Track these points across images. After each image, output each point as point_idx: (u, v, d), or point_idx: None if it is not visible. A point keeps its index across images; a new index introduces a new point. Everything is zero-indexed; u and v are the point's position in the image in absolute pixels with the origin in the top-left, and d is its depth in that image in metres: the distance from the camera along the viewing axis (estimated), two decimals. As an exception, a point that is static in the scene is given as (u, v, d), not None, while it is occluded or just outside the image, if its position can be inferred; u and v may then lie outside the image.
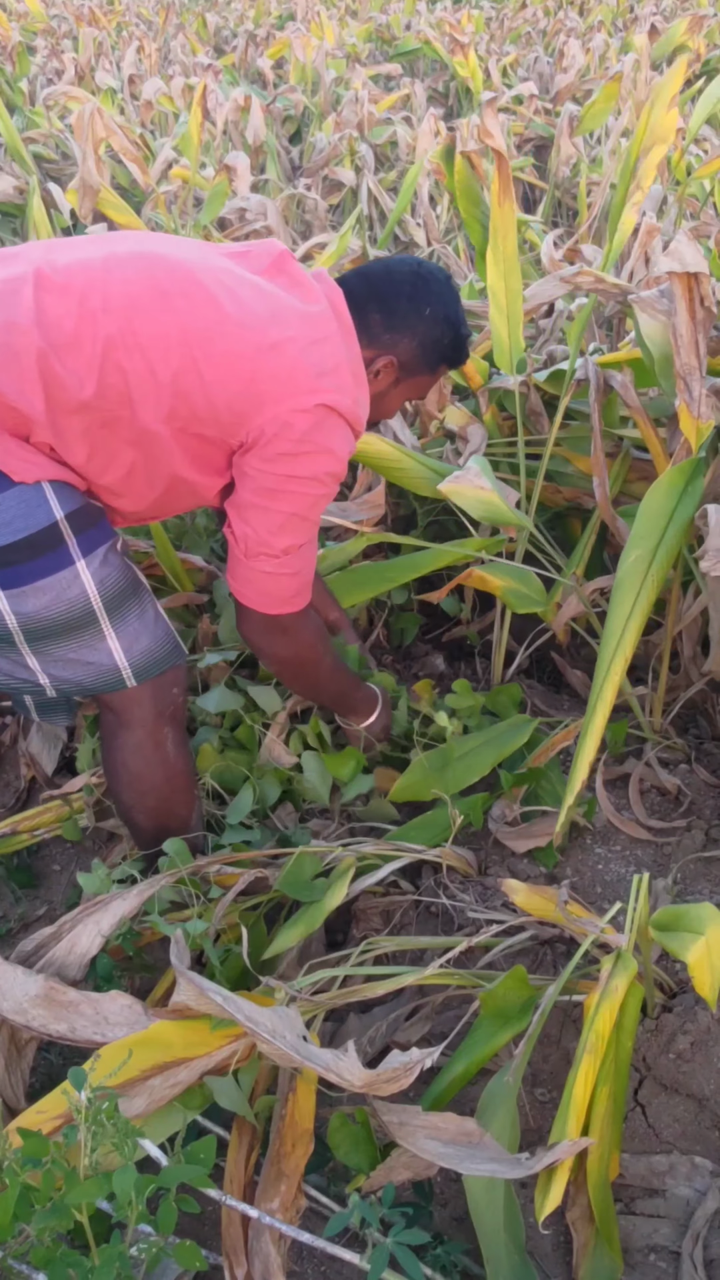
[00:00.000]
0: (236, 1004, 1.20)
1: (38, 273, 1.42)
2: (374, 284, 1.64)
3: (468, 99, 6.92)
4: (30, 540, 1.41)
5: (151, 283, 1.45)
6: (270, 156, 5.42)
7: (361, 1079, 1.18)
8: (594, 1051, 1.26)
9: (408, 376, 1.70)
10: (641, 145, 1.89)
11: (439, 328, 1.66)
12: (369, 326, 1.61)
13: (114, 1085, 1.20)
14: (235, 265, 1.55)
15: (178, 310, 1.44)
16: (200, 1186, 1.15)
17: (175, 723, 1.66)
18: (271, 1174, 1.26)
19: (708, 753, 2.15)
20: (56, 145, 5.37)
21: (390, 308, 1.63)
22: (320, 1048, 1.22)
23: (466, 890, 1.78)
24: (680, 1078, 1.51)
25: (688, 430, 1.76)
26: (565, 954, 1.70)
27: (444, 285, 1.67)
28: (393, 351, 1.64)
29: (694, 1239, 1.37)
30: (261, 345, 1.46)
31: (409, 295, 1.63)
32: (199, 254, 1.55)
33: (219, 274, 1.50)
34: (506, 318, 2.04)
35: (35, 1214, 0.98)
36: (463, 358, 1.75)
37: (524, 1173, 1.15)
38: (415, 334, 1.65)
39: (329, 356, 1.52)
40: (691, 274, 1.66)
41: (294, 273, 1.59)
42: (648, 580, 1.65)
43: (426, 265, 1.69)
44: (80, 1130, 1.01)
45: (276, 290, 1.54)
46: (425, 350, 1.67)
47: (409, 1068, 1.19)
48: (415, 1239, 1.14)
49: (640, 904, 1.36)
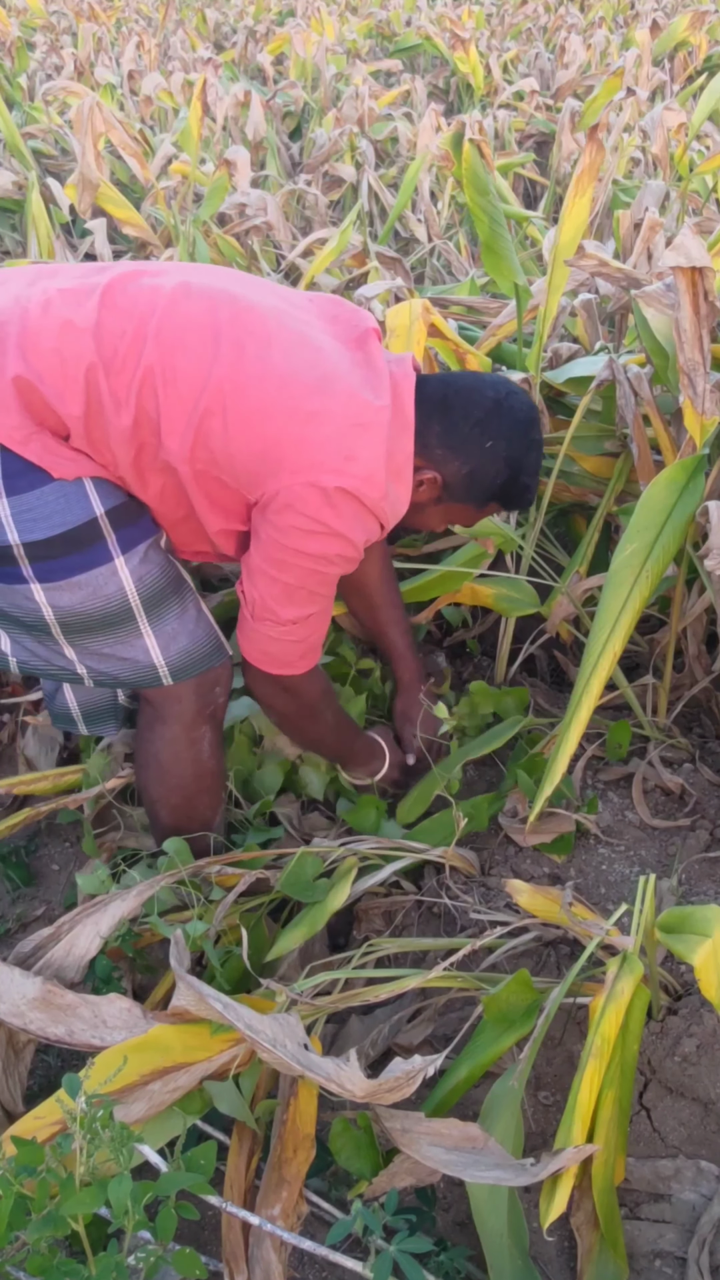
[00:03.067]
0: (236, 1011, 1.19)
1: (108, 286, 1.42)
2: (450, 395, 1.56)
3: (468, 95, 6.89)
4: (69, 535, 1.40)
5: (209, 321, 1.42)
6: (270, 152, 5.40)
7: (363, 1089, 1.16)
8: (599, 1055, 1.24)
9: (450, 500, 1.62)
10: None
11: (495, 465, 1.57)
12: (426, 435, 1.54)
13: (112, 1090, 1.19)
14: (317, 325, 1.51)
15: (222, 355, 1.40)
16: (200, 1193, 1.13)
17: (214, 723, 1.65)
18: (273, 1180, 1.24)
19: (712, 752, 2.13)
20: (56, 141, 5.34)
21: (453, 425, 1.55)
22: (322, 1056, 1.20)
23: (469, 891, 1.76)
24: (686, 1081, 1.49)
25: (692, 426, 1.74)
26: (569, 955, 1.68)
27: (524, 426, 1.58)
28: (440, 469, 1.57)
29: (700, 1244, 1.35)
30: (296, 411, 1.40)
31: (478, 421, 1.55)
32: (279, 303, 1.50)
33: (287, 328, 1.45)
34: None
35: (31, 1223, 0.96)
36: (519, 503, 1.66)
37: (529, 1180, 1.13)
38: (469, 461, 1.56)
39: (367, 445, 1.43)
40: (696, 269, 1.64)
41: (372, 353, 1.52)
42: (643, 575, 1.63)
43: (515, 397, 1.58)
44: (75, 1138, 0.99)
45: (343, 363, 1.47)
46: (474, 482, 1.58)
47: (411, 1076, 1.18)
48: (419, 1246, 1.12)
49: (646, 906, 1.34)
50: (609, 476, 2.14)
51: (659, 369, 1.94)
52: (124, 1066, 1.18)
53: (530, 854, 1.87)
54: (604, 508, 2.11)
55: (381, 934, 1.76)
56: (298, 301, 1.55)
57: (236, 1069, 1.29)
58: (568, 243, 1.92)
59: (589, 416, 2.08)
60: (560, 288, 1.99)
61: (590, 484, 2.20)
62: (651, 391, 1.94)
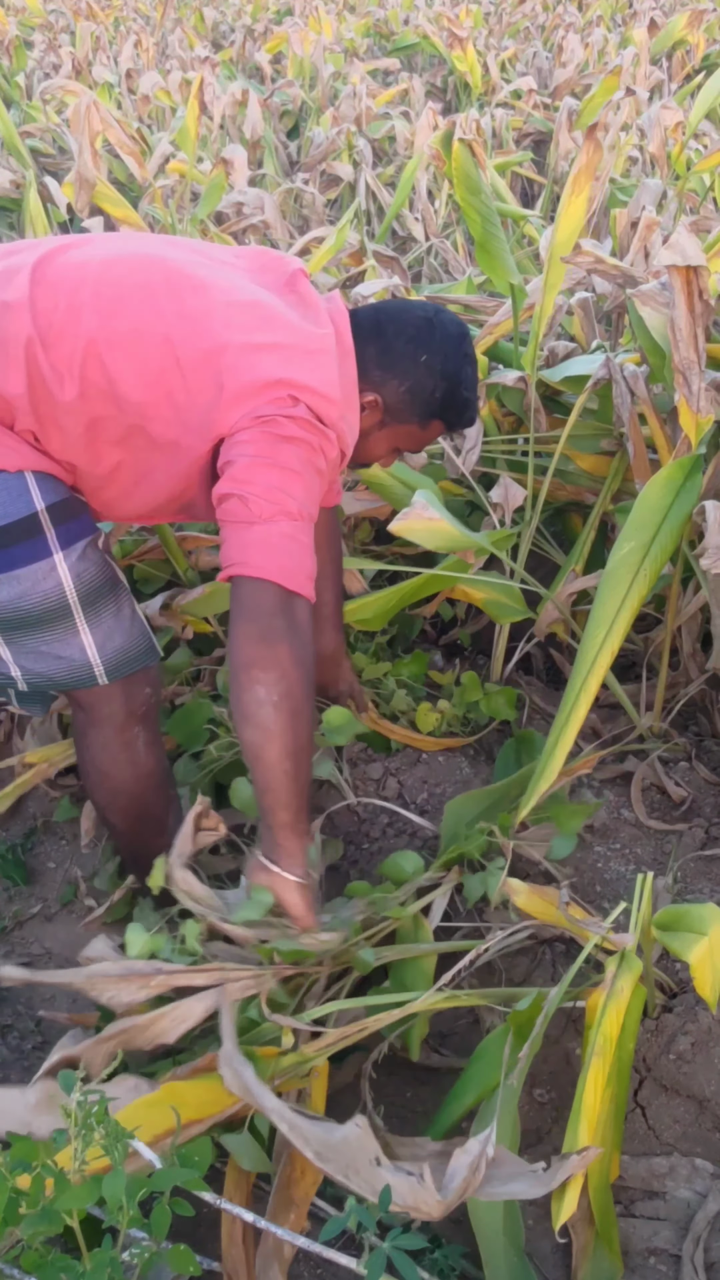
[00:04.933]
0: (303, 1133, 1.12)
1: (37, 264, 1.42)
2: (382, 319, 1.60)
3: (466, 93, 6.89)
4: (8, 528, 1.40)
5: (143, 280, 1.44)
6: (268, 151, 5.40)
7: (440, 1209, 1.10)
8: (602, 1055, 1.24)
9: (393, 421, 1.64)
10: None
11: (432, 379, 1.59)
12: (364, 359, 1.56)
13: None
14: (246, 276, 1.53)
15: (162, 311, 1.42)
16: (195, 1189, 1.13)
17: (146, 722, 1.64)
18: (280, 1201, 1.23)
19: (708, 750, 2.13)
20: (53, 140, 5.34)
21: (388, 346, 1.58)
22: (394, 1170, 1.12)
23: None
24: (681, 1079, 1.50)
25: (687, 425, 1.74)
26: (564, 953, 1.69)
27: (455, 340, 1.61)
28: (379, 391, 1.59)
29: (694, 1242, 1.36)
30: (247, 345, 1.43)
31: (410, 338, 1.59)
32: (206, 259, 1.53)
33: (220, 280, 1.48)
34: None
35: (24, 1219, 0.96)
36: (461, 420, 1.68)
37: (545, 1190, 1.12)
38: (406, 378, 1.59)
39: (320, 369, 1.47)
40: (691, 267, 1.64)
41: (304, 292, 1.56)
42: (640, 574, 1.63)
43: (444, 315, 1.63)
44: (70, 1134, 0.99)
45: (278, 302, 1.50)
46: (413, 398, 1.61)
47: (475, 1169, 1.12)
48: (413, 1243, 1.12)
49: (644, 904, 1.35)
50: (605, 475, 2.14)
51: (655, 368, 1.94)
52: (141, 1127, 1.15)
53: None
54: (600, 506, 2.11)
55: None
56: (224, 257, 1.57)
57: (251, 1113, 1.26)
58: (564, 241, 1.93)
59: (585, 415, 2.08)
60: (556, 286, 1.99)
61: (586, 483, 2.20)
62: (648, 390, 1.94)
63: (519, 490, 2.07)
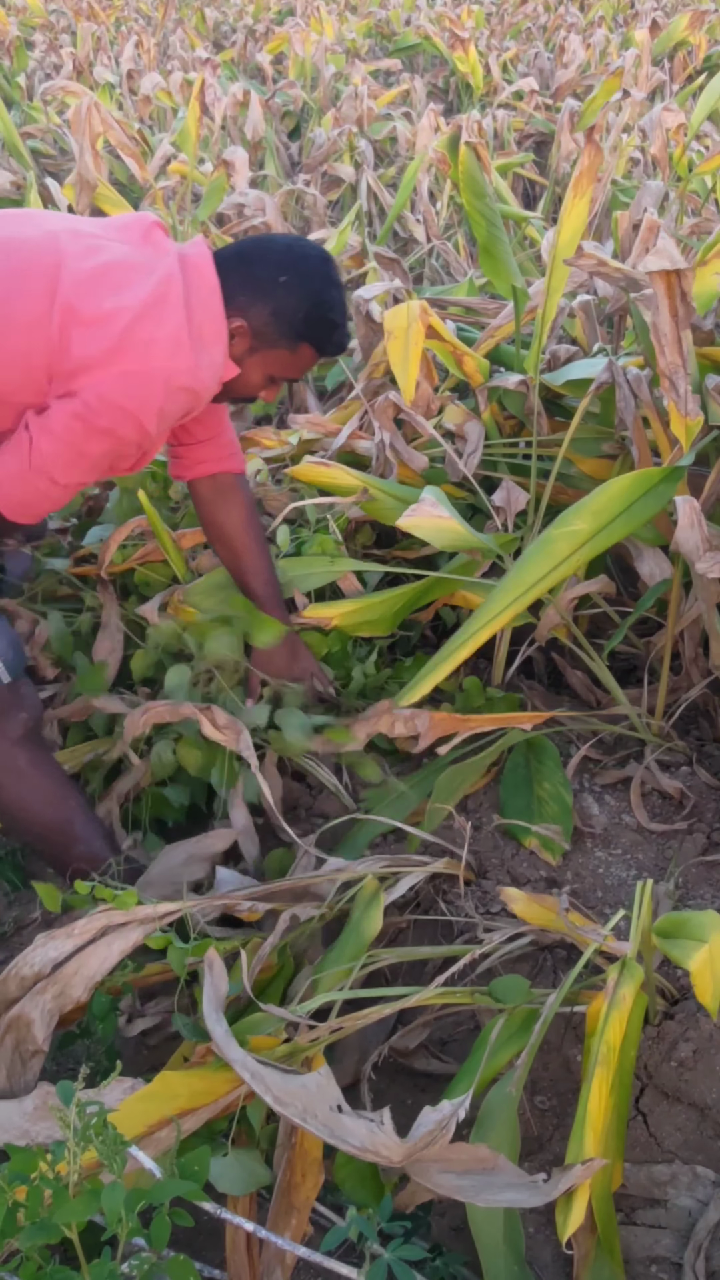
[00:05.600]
0: (264, 1080, 1.15)
1: None
2: (245, 249, 1.67)
3: (468, 94, 6.89)
4: None
5: (12, 269, 1.53)
6: (269, 152, 5.39)
7: (401, 1153, 1.12)
8: (605, 1063, 1.23)
9: (263, 346, 1.68)
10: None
11: (294, 298, 1.64)
12: (229, 289, 1.62)
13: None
14: (105, 237, 1.61)
15: (28, 290, 1.52)
16: (194, 1200, 1.12)
17: (26, 743, 1.67)
18: (281, 1207, 1.23)
19: (709, 755, 2.13)
20: (54, 140, 5.34)
21: (250, 272, 1.64)
22: (354, 1116, 1.16)
23: (465, 896, 1.75)
24: (682, 1086, 1.49)
25: (677, 429, 1.74)
26: (565, 959, 1.68)
27: (315, 263, 1.67)
28: (245, 316, 1.64)
29: (696, 1250, 1.35)
30: (96, 314, 1.51)
31: (272, 263, 1.65)
32: (68, 225, 1.62)
33: (75, 245, 1.56)
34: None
35: (23, 1230, 0.96)
36: (329, 343, 1.72)
37: (544, 1200, 1.12)
38: (269, 300, 1.64)
39: (165, 321, 1.54)
40: (673, 272, 1.63)
41: (157, 239, 1.64)
42: (575, 555, 1.66)
43: (305, 243, 1.72)
44: (69, 1145, 0.98)
45: (132, 255, 1.58)
46: (278, 320, 1.65)
47: (443, 1126, 1.14)
48: (413, 1254, 1.11)
49: (644, 911, 1.34)
50: (606, 479, 2.13)
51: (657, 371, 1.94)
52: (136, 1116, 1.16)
53: (527, 856, 1.87)
54: (601, 510, 2.11)
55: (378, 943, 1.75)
56: (88, 228, 1.65)
57: (244, 1102, 1.27)
58: (567, 244, 1.92)
59: (586, 418, 2.08)
60: (559, 290, 1.98)
61: (588, 486, 2.19)
62: (651, 394, 1.94)
63: (521, 494, 2.07)
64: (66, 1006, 1.35)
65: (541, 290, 2.08)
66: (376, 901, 1.55)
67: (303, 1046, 1.32)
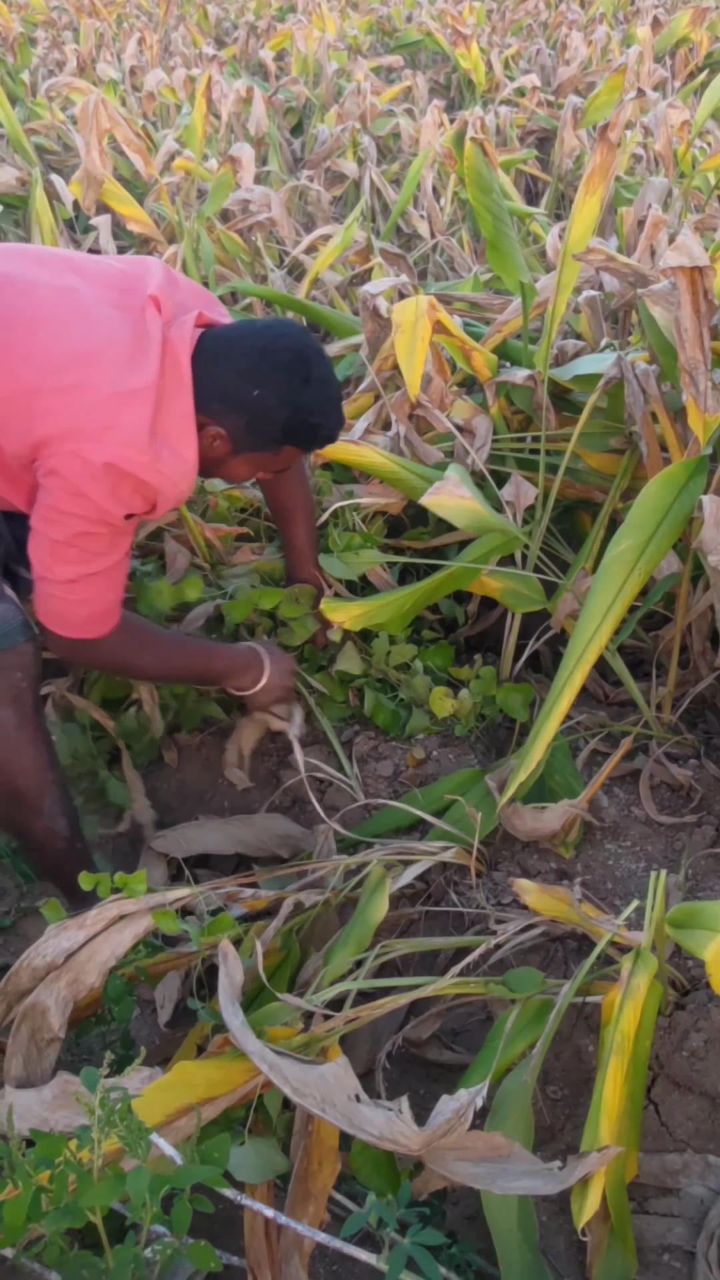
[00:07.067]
0: (282, 1071, 1.16)
1: None
2: (218, 348, 1.58)
3: (470, 91, 6.88)
4: None
5: None
6: (272, 148, 5.39)
7: (419, 1141, 1.13)
8: (620, 1053, 1.24)
9: (244, 450, 1.63)
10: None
11: (269, 408, 1.58)
12: (202, 391, 1.56)
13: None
14: (104, 299, 1.54)
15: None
16: (215, 1186, 1.13)
17: (17, 705, 1.62)
18: (298, 1194, 1.23)
19: (717, 748, 2.13)
20: (58, 137, 5.34)
21: (221, 379, 1.56)
22: (372, 1105, 1.16)
23: (477, 887, 1.76)
24: (694, 1075, 1.50)
25: (695, 424, 1.75)
26: (577, 950, 1.69)
27: (286, 369, 1.57)
28: (221, 423, 1.59)
29: (708, 1238, 1.36)
30: (58, 386, 1.46)
31: (241, 372, 1.57)
32: (67, 279, 1.55)
33: (64, 306, 1.51)
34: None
35: (48, 1215, 0.96)
36: (313, 442, 1.68)
37: (558, 1187, 1.13)
38: (244, 412, 1.58)
39: (130, 411, 1.48)
40: (697, 268, 1.64)
41: (148, 321, 1.54)
42: (635, 572, 1.64)
43: (282, 342, 1.59)
44: (93, 1131, 0.99)
45: (118, 334, 1.51)
46: (255, 431, 1.60)
47: (461, 1115, 1.15)
48: (432, 1239, 1.12)
49: (658, 901, 1.35)
50: (614, 473, 2.14)
51: (665, 366, 1.95)
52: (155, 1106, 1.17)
53: (537, 849, 1.87)
54: (609, 504, 2.12)
55: (390, 934, 1.76)
56: (91, 274, 1.58)
57: (261, 1091, 1.28)
58: (578, 240, 1.93)
59: (594, 413, 2.08)
60: (569, 286, 1.99)
61: (596, 481, 2.20)
62: (659, 388, 1.94)
63: (530, 488, 2.07)
64: (81, 993, 1.36)
65: (550, 286, 2.09)
66: (382, 888, 1.56)
67: (319, 1036, 1.33)
